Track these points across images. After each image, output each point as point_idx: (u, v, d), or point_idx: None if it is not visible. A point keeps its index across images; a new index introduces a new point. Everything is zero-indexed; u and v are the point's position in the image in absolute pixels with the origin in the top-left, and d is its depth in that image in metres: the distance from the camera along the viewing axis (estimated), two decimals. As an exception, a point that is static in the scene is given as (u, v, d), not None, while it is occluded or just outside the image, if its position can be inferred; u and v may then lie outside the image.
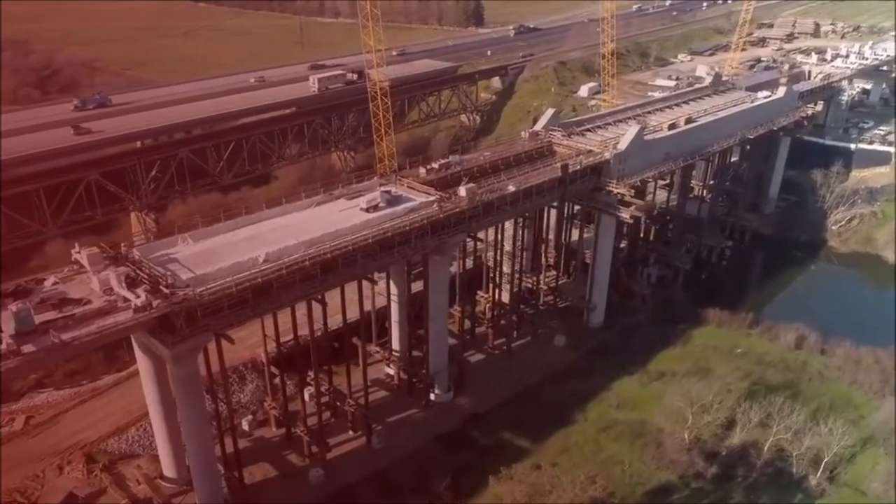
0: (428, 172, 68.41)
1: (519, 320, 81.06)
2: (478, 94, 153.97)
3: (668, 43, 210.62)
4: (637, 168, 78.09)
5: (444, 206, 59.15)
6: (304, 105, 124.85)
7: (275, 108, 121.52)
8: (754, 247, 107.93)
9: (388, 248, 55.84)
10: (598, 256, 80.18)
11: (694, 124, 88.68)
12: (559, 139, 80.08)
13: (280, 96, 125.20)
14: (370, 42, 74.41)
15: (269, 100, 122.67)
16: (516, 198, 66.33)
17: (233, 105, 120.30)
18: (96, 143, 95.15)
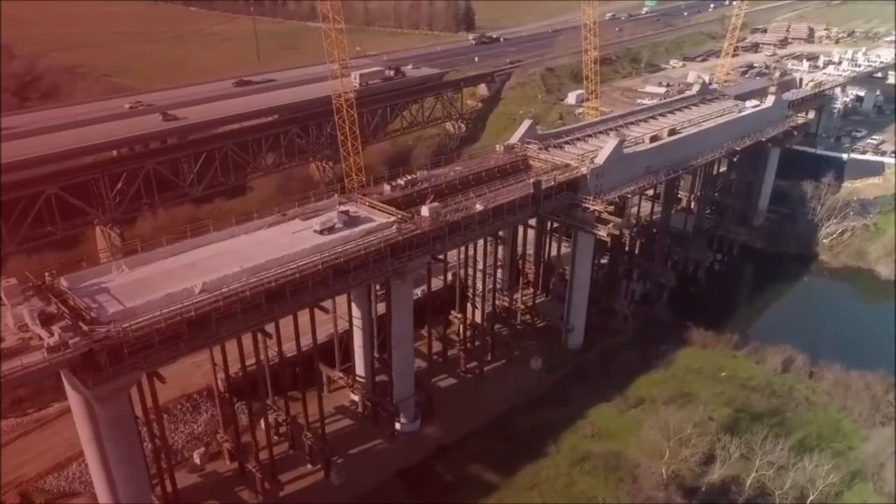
0: (393, 189, 64.90)
1: (493, 342, 77.46)
2: (463, 101, 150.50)
3: (660, 48, 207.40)
4: (616, 183, 74.60)
5: (404, 227, 55.49)
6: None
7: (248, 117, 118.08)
8: (743, 261, 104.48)
9: (343, 273, 52.22)
10: (575, 275, 76.59)
11: (678, 136, 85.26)
12: (535, 153, 76.61)
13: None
14: (333, 52, 70.58)
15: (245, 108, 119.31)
16: (485, 217, 62.79)
17: (209, 114, 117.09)
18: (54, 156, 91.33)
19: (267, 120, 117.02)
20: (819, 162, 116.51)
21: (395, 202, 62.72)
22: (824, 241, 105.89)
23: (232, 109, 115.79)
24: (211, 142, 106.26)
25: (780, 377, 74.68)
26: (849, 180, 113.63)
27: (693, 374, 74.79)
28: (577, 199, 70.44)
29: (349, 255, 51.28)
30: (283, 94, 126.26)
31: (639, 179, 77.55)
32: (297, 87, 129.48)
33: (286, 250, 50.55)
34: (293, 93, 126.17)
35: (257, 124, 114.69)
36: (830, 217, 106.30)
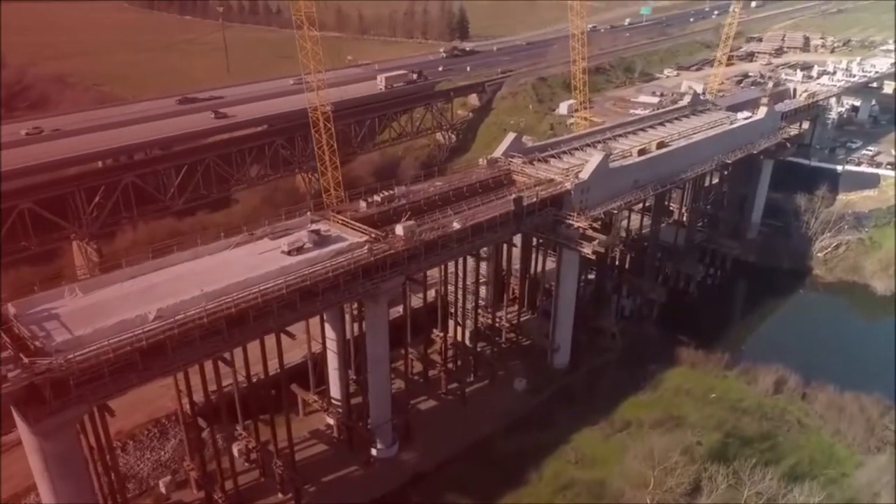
0: (368, 206, 62.74)
1: (476, 361, 75.09)
2: (453, 111, 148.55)
3: (654, 57, 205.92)
4: (602, 198, 72.42)
5: (376, 247, 53.24)
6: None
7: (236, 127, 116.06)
8: (735, 275, 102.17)
9: (311, 296, 49.96)
10: (561, 293, 74.30)
11: (666, 149, 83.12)
12: (519, 167, 74.47)
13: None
14: (309, 63, 68.49)
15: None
16: (463, 235, 60.60)
17: (195, 125, 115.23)
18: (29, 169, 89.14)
19: (252, 131, 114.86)
20: (813, 174, 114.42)
21: (370, 220, 60.55)
22: (819, 255, 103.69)
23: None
24: (192, 154, 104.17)
25: (771, 399, 72.32)
26: (843, 193, 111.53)
27: (682, 395, 72.42)
28: (561, 216, 68.22)
29: (316, 277, 49.01)
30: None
31: (626, 194, 75.32)
32: (241, 105, 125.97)
33: (250, 272, 48.26)
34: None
35: (241, 136, 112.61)
36: (825, 230, 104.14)
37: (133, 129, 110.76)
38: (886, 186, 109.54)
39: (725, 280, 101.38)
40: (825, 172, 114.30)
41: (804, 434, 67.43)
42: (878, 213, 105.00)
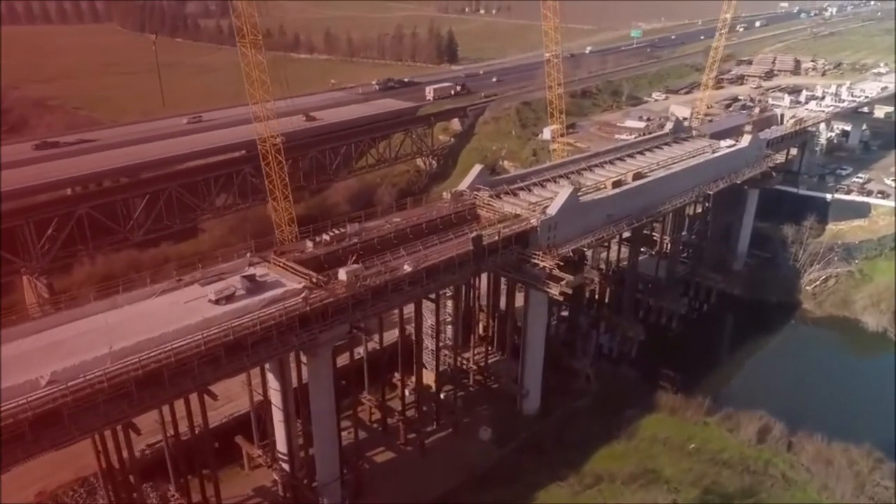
0: (316, 246, 58.39)
1: (438, 408, 70.16)
2: (434, 137, 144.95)
3: (643, 80, 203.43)
4: (572, 234, 68.19)
5: (313, 296, 48.74)
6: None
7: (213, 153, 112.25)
8: (720, 309, 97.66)
9: (238, 351, 45.36)
10: (529, 335, 69.72)
11: (643, 181, 79.07)
12: (486, 201, 70.27)
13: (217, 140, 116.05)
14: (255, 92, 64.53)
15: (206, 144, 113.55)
16: (417, 278, 56.16)
17: (170, 150, 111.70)
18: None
19: (218, 159, 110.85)
20: (801, 202, 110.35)
21: (315, 262, 56.26)
22: (807, 289, 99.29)
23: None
24: (153, 183, 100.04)
25: (755, 449, 67.35)
26: (833, 222, 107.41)
27: (658, 445, 67.49)
28: (526, 254, 63.84)
29: (240, 331, 44.44)
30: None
31: (598, 230, 71.06)
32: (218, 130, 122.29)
33: (168, 326, 43.76)
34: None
35: (207, 164, 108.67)
36: (813, 262, 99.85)
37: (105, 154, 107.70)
38: (877, 216, 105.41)
39: (710, 315, 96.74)
40: (814, 201, 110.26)
41: (789, 490, 62.44)
42: (868, 245, 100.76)
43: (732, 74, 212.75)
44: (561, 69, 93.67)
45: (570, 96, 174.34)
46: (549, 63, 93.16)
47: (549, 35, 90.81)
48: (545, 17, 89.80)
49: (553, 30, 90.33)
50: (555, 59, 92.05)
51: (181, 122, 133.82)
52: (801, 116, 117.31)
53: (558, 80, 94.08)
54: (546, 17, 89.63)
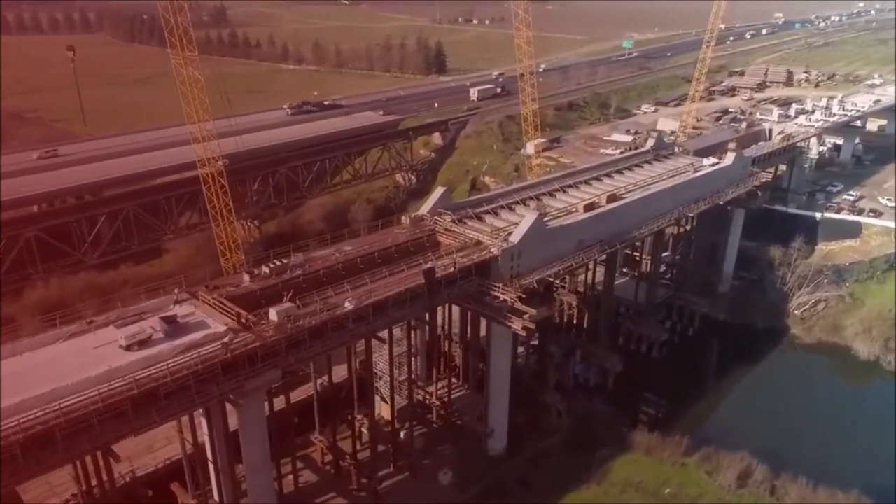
0: (253, 279, 53.75)
1: (395, 449, 65.33)
2: (412, 151, 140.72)
3: (632, 92, 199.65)
4: (538, 263, 63.62)
5: (236, 341, 44.07)
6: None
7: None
8: (704, 335, 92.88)
9: (149, 404, 40.66)
10: (493, 370, 65.00)
11: (619, 203, 74.53)
12: (447, 226, 65.72)
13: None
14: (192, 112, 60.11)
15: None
16: (363, 315, 51.53)
17: (142, 165, 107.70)
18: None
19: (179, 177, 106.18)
20: (790, 221, 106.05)
21: (251, 297, 51.67)
22: (796, 313, 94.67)
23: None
24: (108, 203, 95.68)
25: (735, 495, 62.51)
26: (823, 242, 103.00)
27: (631, 490, 62.69)
28: (486, 286, 59.21)
29: (147, 383, 39.73)
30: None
31: (567, 257, 66.44)
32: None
33: (66, 378, 39.09)
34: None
35: (167, 182, 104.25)
36: (802, 285, 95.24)
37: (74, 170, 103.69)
38: (868, 236, 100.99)
39: (693, 341, 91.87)
40: (803, 220, 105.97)
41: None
42: (859, 267, 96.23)
43: (724, 86, 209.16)
44: (535, 83, 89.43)
45: (556, 109, 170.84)
46: (523, 78, 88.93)
47: (522, 49, 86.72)
48: (517, 31, 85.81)
49: (526, 43, 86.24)
50: (528, 73, 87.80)
51: (160, 134, 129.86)
52: (790, 132, 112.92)
53: (533, 95, 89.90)
54: (518, 30, 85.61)
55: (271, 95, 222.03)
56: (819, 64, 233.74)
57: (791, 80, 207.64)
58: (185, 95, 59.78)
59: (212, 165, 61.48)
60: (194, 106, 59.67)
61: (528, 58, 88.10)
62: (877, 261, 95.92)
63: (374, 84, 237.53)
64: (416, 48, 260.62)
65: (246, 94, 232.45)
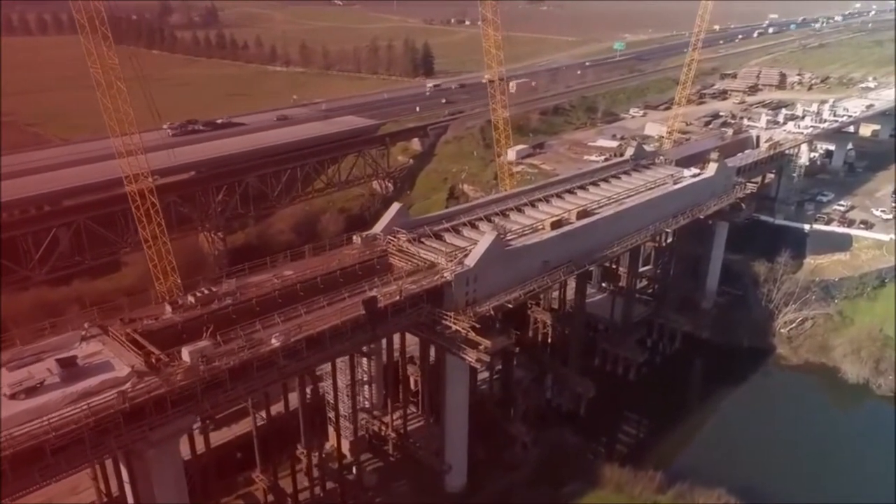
0: (176, 311, 48.89)
1: (343, 488, 60.50)
2: (389, 158, 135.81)
3: (621, 95, 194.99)
4: (497, 287, 58.80)
5: (138, 387, 39.22)
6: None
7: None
8: (685, 356, 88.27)
9: (32, 462, 35.82)
10: (449, 403, 60.18)
11: (590, 219, 69.80)
12: (401, 246, 60.91)
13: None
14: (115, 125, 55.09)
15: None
16: (295, 351, 46.70)
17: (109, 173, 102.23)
18: None
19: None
20: (777, 233, 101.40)
21: (172, 331, 46.88)
22: (782, 332, 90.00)
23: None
24: (60, 216, 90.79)
25: (709, 539, 57.84)
26: (811, 256, 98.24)
27: (598, 533, 58.00)
28: (437, 315, 54.37)
29: (25, 441, 34.90)
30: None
31: (531, 279, 61.59)
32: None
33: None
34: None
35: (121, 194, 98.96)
36: (789, 302, 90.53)
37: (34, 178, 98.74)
38: (859, 249, 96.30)
39: (673, 361, 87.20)
40: (791, 232, 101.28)
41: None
42: (848, 283, 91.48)
43: (715, 89, 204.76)
44: (506, 90, 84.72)
45: (542, 113, 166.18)
46: (492, 84, 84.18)
47: (491, 53, 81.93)
48: (485, 34, 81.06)
49: (495, 47, 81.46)
50: (498, 79, 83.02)
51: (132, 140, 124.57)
52: (778, 139, 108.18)
53: (503, 103, 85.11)
54: (486, 34, 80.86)
55: (255, 98, 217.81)
56: (813, 66, 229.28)
57: (784, 83, 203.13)
58: (105, 107, 54.70)
59: (140, 182, 56.39)
60: (116, 118, 54.57)
61: (498, 63, 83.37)
62: (867, 276, 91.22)
63: (360, 86, 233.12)
64: (403, 50, 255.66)
65: (228, 97, 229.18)
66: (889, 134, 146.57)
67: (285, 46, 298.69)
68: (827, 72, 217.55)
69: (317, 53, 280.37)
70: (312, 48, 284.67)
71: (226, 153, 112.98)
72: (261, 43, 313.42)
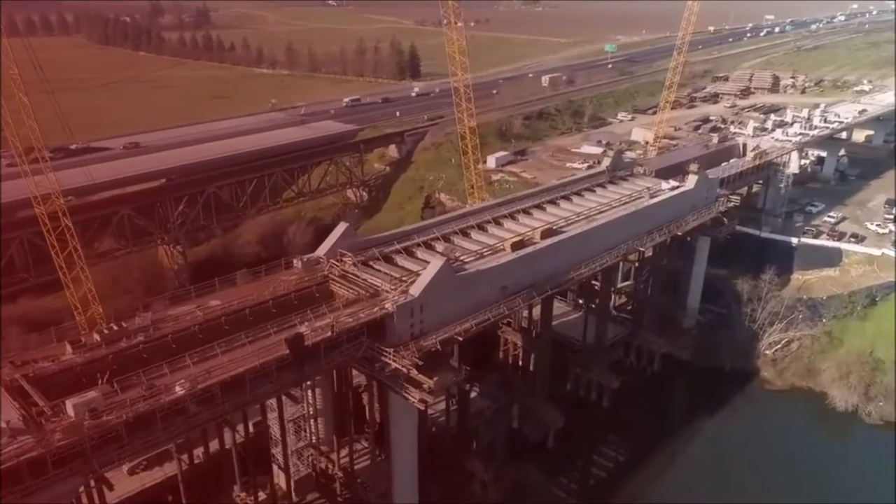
0: (77, 351, 43.88)
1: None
2: (363, 166, 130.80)
3: (609, 99, 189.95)
4: (449, 317, 53.83)
5: (8, 449, 34.22)
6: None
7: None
8: (663, 379, 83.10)
9: None
10: (395, 440, 55.15)
11: (555, 239, 64.80)
12: (345, 271, 55.94)
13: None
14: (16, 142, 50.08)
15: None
16: (208, 397, 41.73)
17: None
18: None
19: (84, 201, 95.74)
20: (764, 247, 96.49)
21: (70, 375, 41.92)
22: (767, 353, 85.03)
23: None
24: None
25: None
26: (799, 271, 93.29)
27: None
28: (376, 351, 49.37)
29: None
30: None
31: (487, 308, 56.52)
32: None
33: None
34: None
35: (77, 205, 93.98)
36: (774, 322, 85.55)
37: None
38: (849, 265, 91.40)
39: (650, 385, 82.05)
40: (777, 246, 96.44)
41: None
42: (837, 302, 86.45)
43: (706, 92, 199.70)
44: (472, 98, 79.73)
45: (525, 118, 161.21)
46: (457, 92, 79.18)
47: (455, 59, 76.95)
48: (448, 40, 76.09)
49: (458, 53, 76.51)
50: (463, 86, 77.97)
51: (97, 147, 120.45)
52: (765, 148, 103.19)
53: (470, 111, 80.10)
54: (449, 39, 75.89)
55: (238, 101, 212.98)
56: (807, 68, 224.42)
57: (777, 86, 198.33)
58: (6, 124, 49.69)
59: (51, 203, 51.39)
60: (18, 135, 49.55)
61: (463, 69, 78.40)
62: (857, 294, 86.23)
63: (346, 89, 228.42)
64: (390, 52, 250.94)
65: (210, 99, 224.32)
66: (883, 139, 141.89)
67: (272, 48, 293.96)
68: (821, 74, 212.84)
69: (303, 55, 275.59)
70: (298, 50, 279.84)
71: (189, 162, 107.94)
72: (247, 45, 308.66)
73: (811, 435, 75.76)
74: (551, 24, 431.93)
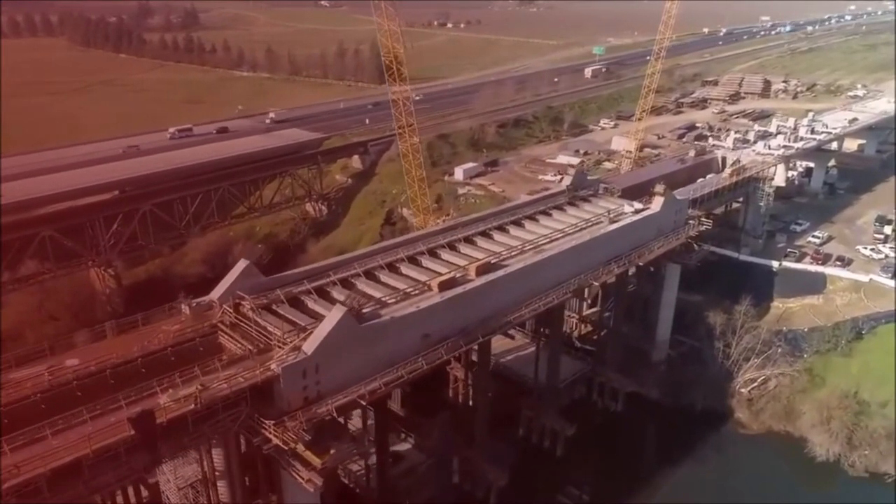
0: None
1: None
2: (323, 178, 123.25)
3: (593, 105, 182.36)
4: (355, 375, 46.18)
5: None
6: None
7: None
8: (628, 421, 75.36)
9: None
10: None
11: (490, 276, 57.00)
12: (237, 319, 48.21)
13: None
14: None
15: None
16: (32, 490, 34.08)
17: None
18: None
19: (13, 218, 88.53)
20: (742, 271, 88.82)
21: None
22: (742, 392, 77.32)
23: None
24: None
25: None
26: (779, 298, 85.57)
27: None
28: (255, 422, 41.66)
29: None
30: None
31: (403, 361, 48.79)
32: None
33: None
34: None
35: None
36: (750, 357, 77.81)
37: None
38: (833, 292, 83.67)
39: (612, 430, 74.18)
40: (757, 269, 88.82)
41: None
42: (819, 335, 78.60)
43: (695, 97, 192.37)
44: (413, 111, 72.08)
45: (500, 126, 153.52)
46: (396, 106, 71.50)
47: (392, 70, 69.30)
48: (383, 47, 68.46)
49: (396, 62, 68.87)
50: (402, 100, 70.31)
51: (62, 154, 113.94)
52: (744, 163, 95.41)
53: (412, 128, 72.40)
54: (384, 47, 68.23)
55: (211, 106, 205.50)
56: (800, 72, 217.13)
57: (768, 91, 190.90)
58: None
59: None
60: None
61: (401, 80, 70.83)
62: (841, 326, 78.37)
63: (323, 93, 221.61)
64: (370, 55, 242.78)
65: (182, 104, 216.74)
66: (876, 149, 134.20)
67: (253, 51, 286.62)
68: (814, 78, 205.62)
69: (283, 58, 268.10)
70: (278, 53, 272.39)
71: (123, 177, 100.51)
72: (228, 47, 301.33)
73: (789, 489, 67.74)
74: (544, 26, 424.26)
